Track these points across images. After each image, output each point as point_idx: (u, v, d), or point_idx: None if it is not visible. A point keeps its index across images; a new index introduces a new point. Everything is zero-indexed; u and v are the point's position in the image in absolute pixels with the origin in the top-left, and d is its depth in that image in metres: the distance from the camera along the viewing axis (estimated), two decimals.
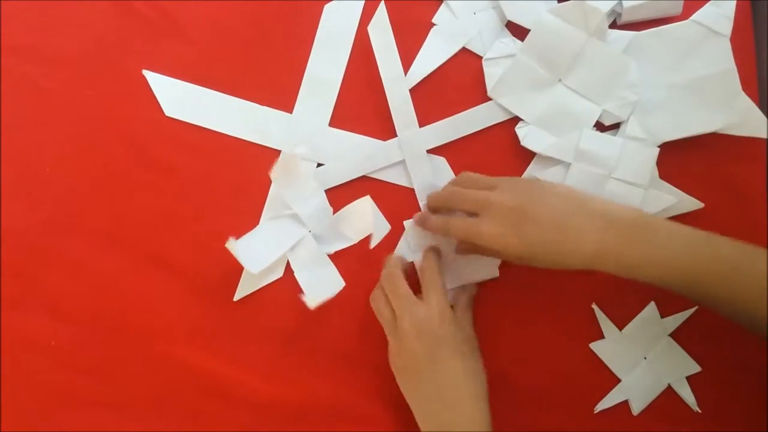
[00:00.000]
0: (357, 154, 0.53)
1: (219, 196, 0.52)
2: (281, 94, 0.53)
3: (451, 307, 0.48)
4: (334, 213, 0.52)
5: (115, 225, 0.52)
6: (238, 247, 0.48)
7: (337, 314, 0.52)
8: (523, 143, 0.53)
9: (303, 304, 0.48)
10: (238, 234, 0.50)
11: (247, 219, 0.52)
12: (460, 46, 0.54)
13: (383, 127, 0.53)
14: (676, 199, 0.51)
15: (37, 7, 0.53)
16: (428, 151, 0.53)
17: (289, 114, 0.53)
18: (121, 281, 0.51)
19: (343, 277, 0.51)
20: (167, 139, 0.53)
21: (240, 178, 0.53)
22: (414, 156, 0.53)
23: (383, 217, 0.53)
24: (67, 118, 0.52)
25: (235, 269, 0.50)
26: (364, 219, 0.52)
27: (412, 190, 0.53)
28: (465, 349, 0.47)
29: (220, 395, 0.50)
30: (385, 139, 0.53)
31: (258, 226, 0.52)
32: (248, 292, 0.51)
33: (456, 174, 0.53)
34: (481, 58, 0.54)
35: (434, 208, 0.50)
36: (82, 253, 0.51)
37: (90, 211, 0.52)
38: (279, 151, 0.53)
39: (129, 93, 0.53)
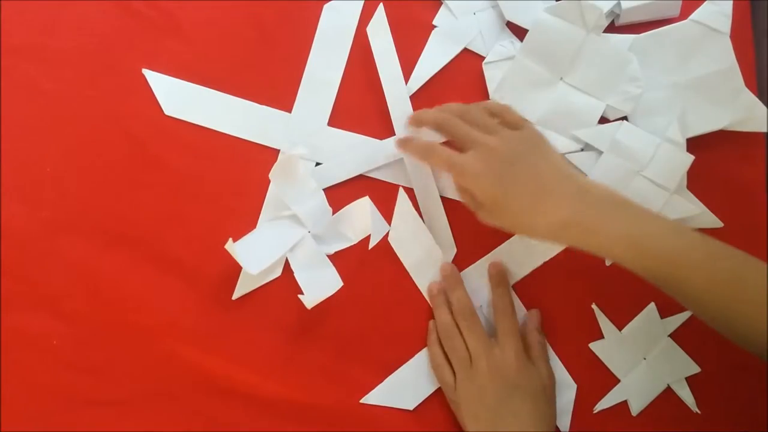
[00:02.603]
0: (356, 152, 0.53)
1: (218, 195, 0.52)
2: (280, 93, 0.53)
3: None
4: (333, 213, 0.52)
5: (114, 225, 0.52)
6: (238, 249, 0.48)
7: (336, 314, 0.52)
8: None
9: (302, 303, 0.48)
10: (237, 233, 0.50)
11: (246, 218, 0.52)
12: (461, 48, 0.54)
13: (382, 127, 0.53)
14: (698, 210, 0.51)
15: (37, 7, 0.53)
16: None
17: (288, 113, 0.53)
18: (121, 281, 0.51)
19: (342, 277, 0.50)
20: (167, 138, 0.53)
21: (239, 178, 0.53)
22: None
23: (382, 217, 0.52)
24: (67, 118, 0.52)
25: (233, 268, 0.50)
26: (363, 219, 0.52)
27: (412, 190, 0.53)
28: (539, 392, 0.47)
29: (220, 394, 0.50)
30: (383, 139, 0.53)
31: (257, 227, 0.52)
32: (247, 291, 0.51)
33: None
34: (482, 58, 0.54)
35: (417, 124, 0.50)
36: (82, 253, 0.51)
37: (90, 211, 0.52)
38: (278, 151, 0.53)
39: (129, 92, 0.53)
